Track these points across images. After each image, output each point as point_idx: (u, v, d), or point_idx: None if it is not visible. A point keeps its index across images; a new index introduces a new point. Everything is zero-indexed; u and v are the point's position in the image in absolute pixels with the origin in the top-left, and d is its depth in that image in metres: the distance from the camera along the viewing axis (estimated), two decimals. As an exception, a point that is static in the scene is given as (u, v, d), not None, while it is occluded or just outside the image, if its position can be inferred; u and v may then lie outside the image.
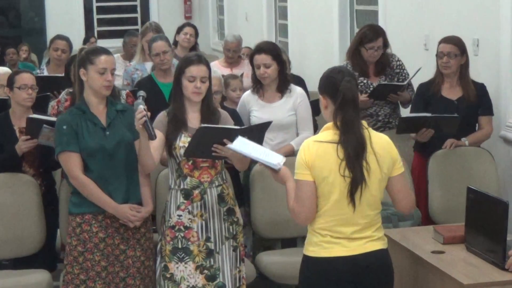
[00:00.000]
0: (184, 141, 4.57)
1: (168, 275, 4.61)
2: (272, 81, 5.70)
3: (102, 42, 12.44)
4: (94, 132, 4.59)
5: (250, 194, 5.53)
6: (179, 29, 8.11)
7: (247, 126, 4.99)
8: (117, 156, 4.60)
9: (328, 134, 3.76)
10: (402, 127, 5.71)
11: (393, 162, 3.82)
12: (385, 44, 6.20)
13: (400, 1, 7.34)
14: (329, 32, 8.87)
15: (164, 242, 4.64)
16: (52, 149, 4.76)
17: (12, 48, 11.91)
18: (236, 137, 4.24)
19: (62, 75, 5.99)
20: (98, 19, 15.39)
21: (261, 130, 4.70)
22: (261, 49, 5.68)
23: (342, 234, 3.75)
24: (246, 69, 7.41)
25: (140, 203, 4.68)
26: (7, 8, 15.89)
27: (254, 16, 11.96)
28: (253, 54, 5.73)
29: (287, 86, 5.73)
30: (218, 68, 7.24)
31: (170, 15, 14.77)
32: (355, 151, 3.69)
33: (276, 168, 3.88)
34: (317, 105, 4.30)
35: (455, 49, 5.64)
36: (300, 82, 6.55)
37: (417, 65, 6.19)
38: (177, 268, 4.60)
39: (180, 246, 4.60)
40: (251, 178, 5.51)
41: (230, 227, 4.69)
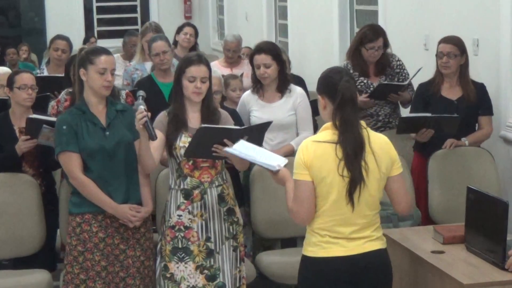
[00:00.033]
0: (185, 141, 4.57)
1: (168, 275, 4.61)
2: (272, 81, 5.70)
3: (102, 42, 12.44)
4: (94, 132, 4.59)
5: (250, 194, 5.53)
6: (179, 29, 8.11)
7: (247, 126, 4.98)
8: (117, 156, 4.60)
9: (327, 134, 3.76)
10: (402, 127, 5.70)
11: (392, 162, 3.81)
12: (385, 44, 6.20)
13: (400, 1, 7.34)
14: (329, 32, 8.87)
15: (164, 242, 4.64)
16: (52, 149, 4.76)
17: (13, 48, 11.92)
18: (238, 141, 4.27)
19: (62, 75, 5.99)
20: (98, 19, 15.39)
21: (261, 130, 4.70)
22: (261, 49, 5.68)
23: (341, 234, 3.75)
24: (246, 69, 7.40)
25: (140, 203, 4.68)
26: (7, 8, 15.89)
27: (254, 16, 11.96)
28: (253, 54, 5.73)
29: (287, 86, 5.73)
30: (218, 68, 7.24)
31: (170, 15, 14.77)
32: (354, 151, 3.69)
33: (273, 170, 3.89)
34: (317, 105, 4.30)
35: (455, 49, 5.63)
36: (300, 82, 6.55)
37: (417, 65, 6.19)
38: (177, 268, 4.60)
39: (180, 246, 4.60)
40: (251, 178, 5.51)
41: (230, 227, 4.69)
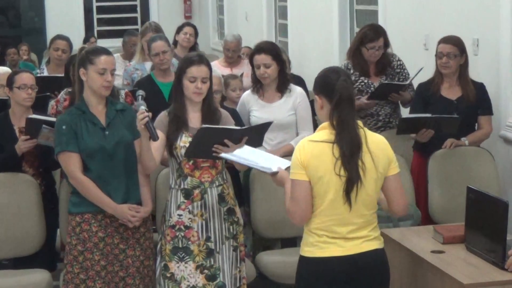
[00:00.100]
0: (185, 141, 4.57)
1: (169, 275, 4.61)
2: (272, 81, 5.69)
3: (102, 42, 12.44)
4: (94, 132, 4.59)
5: (250, 194, 5.52)
6: (179, 29, 8.11)
7: (248, 127, 4.98)
8: (117, 156, 4.60)
9: (324, 134, 3.75)
10: (402, 128, 5.70)
11: (389, 162, 3.81)
12: (386, 44, 6.19)
13: (400, 1, 7.34)
14: (329, 32, 8.87)
15: (164, 242, 4.64)
16: (52, 149, 4.76)
17: (13, 48, 11.91)
18: (238, 141, 4.29)
19: (62, 75, 5.99)
20: (98, 19, 15.39)
21: (262, 131, 4.70)
22: (261, 49, 5.68)
23: (338, 234, 3.74)
24: (246, 69, 7.40)
25: (140, 203, 4.67)
26: (7, 8, 15.90)
27: (254, 16, 11.96)
28: (253, 54, 5.73)
29: (287, 86, 5.72)
30: (218, 68, 7.24)
31: (170, 15, 14.77)
32: (351, 150, 3.68)
33: (268, 172, 3.90)
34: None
35: (455, 50, 5.63)
36: (300, 82, 6.55)
37: (417, 65, 6.19)
38: (178, 268, 4.60)
39: (181, 246, 4.60)
40: (251, 178, 5.51)
41: (231, 227, 4.69)
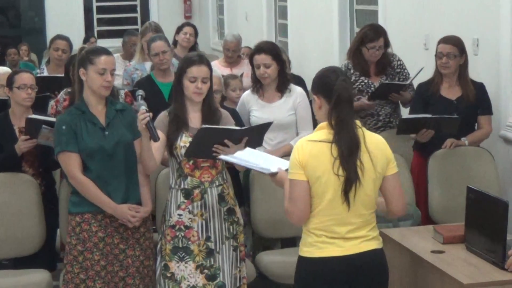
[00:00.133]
0: (185, 141, 4.57)
1: (169, 274, 4.61)
2: (272, 81, 5.69)
3: (102, 42, 12.43)
4: (93, 132, 4.59)
5: (250, 194, 5.52)
6: (179, 29, 8.11)
7: (248, 127, 4.98)
8: (116, 156, 4.59)
9: (322, 134, 3.75)
10: (402, 128, 5.70)
11: (387, 162, 3.80)
12: (386, 44, 6.19)
13: (400, 1, 7.34)
14: (329, 32, 8.87)
15: (165, 242, 4.64)
16: (52, 149, 4.76)
17: (14, 49, 11.91)
18: (238, 141, 4.30)
19: (62, 75, 5.99)
20: (98, 19, 15.39)
21: (262, 131, 4.70)
22: (261, 49, 5.68)
23: (337, 234, 3.74)
24: (246, 69, 7.40)
25: (139, 203, 4.67)
26: (7, 8, 15.89)
27: (254, 16, 11.96)
28: (253, 54, 5.73)
29: (287, 86, 5.72)
30: (218, 68, 7.24)
31: (170, 15, 14.77)
32: (349, 150, 3.67)
33: (267, 173, 3.91)
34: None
35: (455, 50, 5.62)
36: (300, 82, 6.55)
37: (417, 65, 6.19)
38: (178, 268, 4.60)
39: (181, 246, 4.60)
40: (251, 178, 5.51)
41: (231, 227, 4.69)
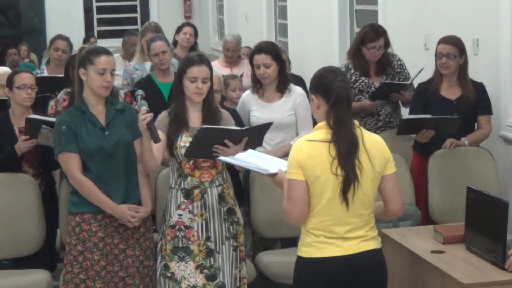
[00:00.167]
0: (185, 141, 4.57)
1: (169, 274, 4.61)
2: (272, 81, 5.69)
3: (102, 42, 12.44)
4: (93, 133, 4.59)
5: (250, 194, 5.52)
6: (179, 29, 8.12)
7: (248, 127, 4.98)
8: (116, 157, 4.59)
9: (321, 133, 3.74)
10: (403, 128, 5.69)
11: (386, 161, 3.79)
12: (387, 44, 6.19)
13: (400, 1, 7.33)
14: (329, 32, 8.87)
15: (165, 242, 4.64)
16: (52, 149, 4.76)
17: (14, 49, 11.91)
18: (239, 142, 4.31)
19: (62, 76, 5.99)
20: (98, 19, 15.39)
21: (262, 131, 4.69)
22: (261, 49, 5.68)
23: (336, 234, 3.73)
24: (246, 69, 7.40)
25: (139, 203, 4.67)
26: (7, 8, 15.89)
27: (254, 16, 11.96)
28: (253, 54, 5.73)
29: (287, 86, 5.72)
30: (218, 68, 7.25)
31: (170, 15, 14.77)
32: (348, 150, 3.67)
33: (265, 173, 3.92)
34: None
35: (454, 50, 5.62)
36: (300, 82, 6.55)
37: (417, 65, 6.19)
38: (178, 267, 4.60)
39: (181, 246, 4.60)
40: (251, 178, 5.51)
41: (231, 227, 4.69)
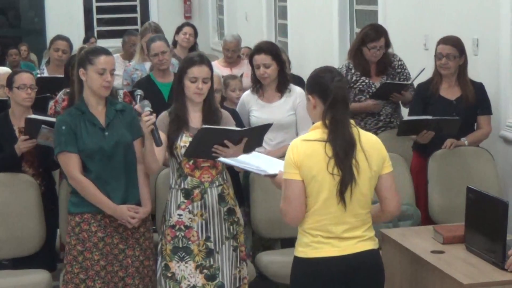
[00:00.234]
0: (185, 141, 4.57)
1: (169, 274, 4.61)
2: (272, 81, 5.70)
3: (102, 42, 12.43)
4: (93, 133, 4.59)
5: (250, 194, 5.52)
6: (179, 29, 8.12)
7: (248, 128, 4.98)
8: (116, 157, 4.59)
9: (317, 133, 3.74)
10: (403, 129, 5.69)
11: (383, 161, 3.79)
12: (387, 44, 6.19)
13: (400, 1, 7.34)
14: (329, 32, 8.87)
15: (165, 242, 4.64)
16: (52, 149, 4.76)
17: (15, 49, 11.90)
18: (239, 142, 4.31)
19: (62, 76, 5.99)
20: (98, 19, 15.39)
21: (262, 132, 4.69)
22: (261, 49, 5.68)
23: (333, 234, 3.72)
24: (246, 69, 7.40)
25: (139, 204, 4.67)
26: (7, 8, 15.89)
27: (254, 16, 11.96)
28: (253, 54, 5.73)
29: (287, 86, 5.72)
30: (218, 68, 7.25)
31: (170, 15, 14.77)
32: (344, 149, 3.66)
33: (263, 174, 3.94)
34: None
35: (454, 51, 5.61)
36: (300, 82, 6.54)
37: (417, 65, 6.19)
38: (178, 267, 4.60)
39: (181, 246, 4.60)
40: (251, 178, 5.51)
41: (231, 227, 4.69)
